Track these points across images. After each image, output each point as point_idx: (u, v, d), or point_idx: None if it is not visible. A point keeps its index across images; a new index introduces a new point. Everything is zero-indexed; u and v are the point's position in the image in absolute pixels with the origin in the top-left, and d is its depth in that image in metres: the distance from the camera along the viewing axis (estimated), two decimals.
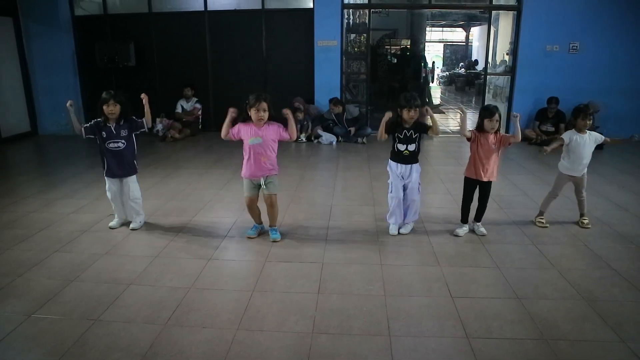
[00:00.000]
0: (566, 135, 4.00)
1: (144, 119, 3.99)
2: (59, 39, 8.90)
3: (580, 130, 3.95)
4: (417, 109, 3.65)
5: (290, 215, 4.46)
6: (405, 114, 3.68)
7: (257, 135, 3.62)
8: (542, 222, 4.14)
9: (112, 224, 4.14)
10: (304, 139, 8.20)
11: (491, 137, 3.77)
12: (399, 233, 3.94)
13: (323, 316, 2.73)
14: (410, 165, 3.83)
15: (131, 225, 4.10)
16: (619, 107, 8.01)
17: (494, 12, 9.06)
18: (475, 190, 3.95)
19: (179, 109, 8.74)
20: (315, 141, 8.18)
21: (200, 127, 8.85)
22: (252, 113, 3.56)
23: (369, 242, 3.84)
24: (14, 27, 8.66)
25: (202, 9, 8.83)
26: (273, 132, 3.66)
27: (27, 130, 9.04)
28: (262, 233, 3.95)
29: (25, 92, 8.99)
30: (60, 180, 5.71)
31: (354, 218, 4.36)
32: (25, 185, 5.57)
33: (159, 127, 8.46)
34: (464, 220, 4.00)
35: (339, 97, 8.54)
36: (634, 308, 2.83)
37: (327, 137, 8.11)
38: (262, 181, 3.73)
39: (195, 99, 8.80)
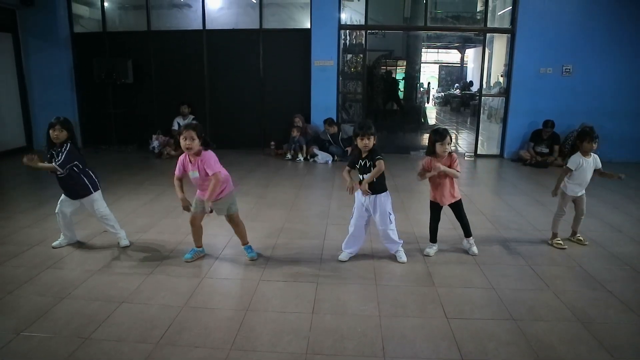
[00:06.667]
0: (572, 163, 4.01)
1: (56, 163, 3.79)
2: (57, 55, 8.97)
3: (585, 154, 3.99)
4: (371, 137, 3.54)
5: (285, 234, 4.45)
6: (359, 142, 3.56)
7: (194, 169, 3.56)
8: (560, 244, 4.12)
9: (55, 243, 4.02)
10: (301, 159, 8.24)
11: (443, 161, 3.73)
12: (399, 261, 3.81)
13: (317, 336, 2.70)
14: (374, 196, 3.64)
15: (120, 244, 4.06)
16: (611, 129, 8.07)
17: (488, 35, 9.21)
18: (441, 211, 3.97)
19: (175, 126, 8.75)
20: (311, 160, 8.21)
21: None
22: (180, 140, 3.49)
23: (363, 262, 3.82)
24: (13, 43, 8.73)
25: (201, 27, 8.94)
26: (204, 168, 3.53)
27: (23, 145, 9.03)
28: (200, 257, 3.82)
29: (22, 106, 9.01)
30: (53, 196, 5.57)
31: None
32: (18, 201, 5.54)
33: (155, 144, 8.47)
34: (433, 240, 4.02)
35: (334, 117, 8.61)
36: (629, 330, 2.82)
37: (323, 156, 8.15)
38: (207, 207, 3.51)
39: (192, 117, 8.83)
